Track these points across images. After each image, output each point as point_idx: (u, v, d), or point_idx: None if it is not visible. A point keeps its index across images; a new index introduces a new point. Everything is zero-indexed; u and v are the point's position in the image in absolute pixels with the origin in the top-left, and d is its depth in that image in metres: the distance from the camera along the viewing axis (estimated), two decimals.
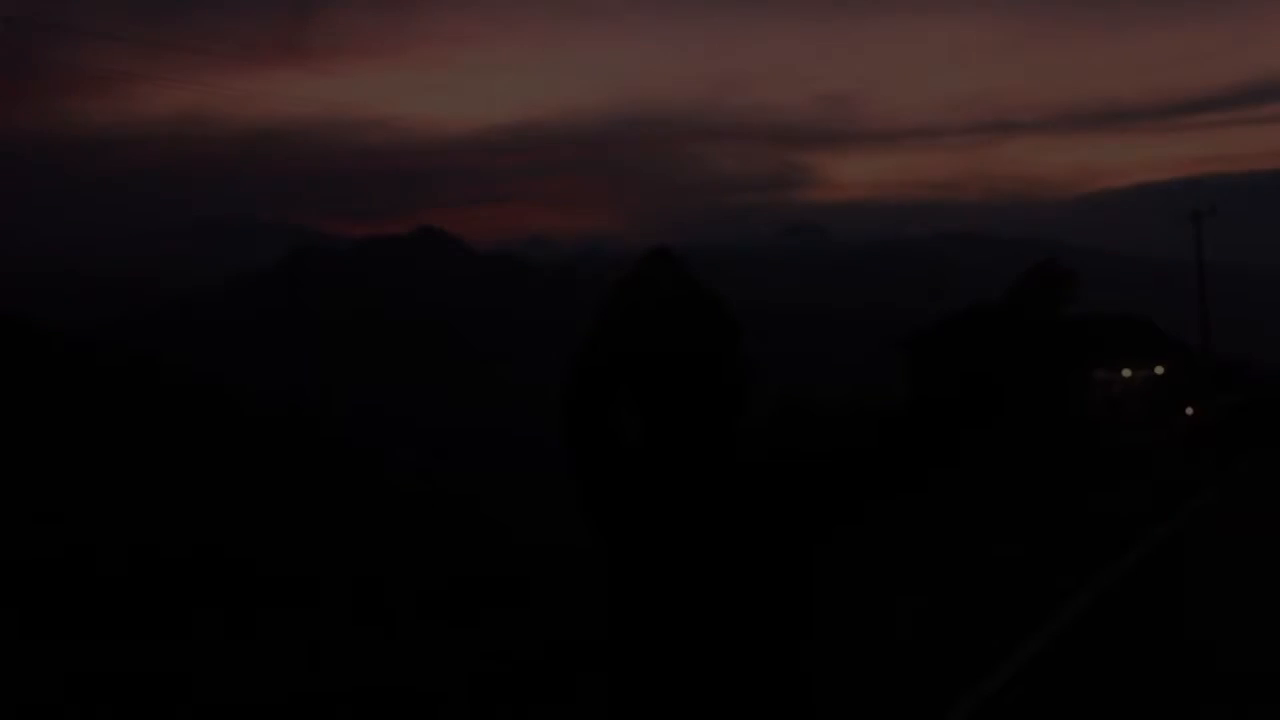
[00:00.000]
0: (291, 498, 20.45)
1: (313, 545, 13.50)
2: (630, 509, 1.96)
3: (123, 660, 6.84)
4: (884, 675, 6.68)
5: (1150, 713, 6.03)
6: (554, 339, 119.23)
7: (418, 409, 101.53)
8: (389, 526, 18.87)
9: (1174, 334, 46.40)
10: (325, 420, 40.10)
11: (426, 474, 33.04)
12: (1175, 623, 8.32)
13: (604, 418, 2.01)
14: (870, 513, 2.09)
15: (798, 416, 23.90)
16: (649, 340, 1.94)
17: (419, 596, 9.50)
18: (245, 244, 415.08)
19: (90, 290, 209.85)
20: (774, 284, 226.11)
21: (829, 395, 26.43)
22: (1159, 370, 39.01)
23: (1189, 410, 33.51)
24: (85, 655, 6.94)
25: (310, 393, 32.39)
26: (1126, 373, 39.16)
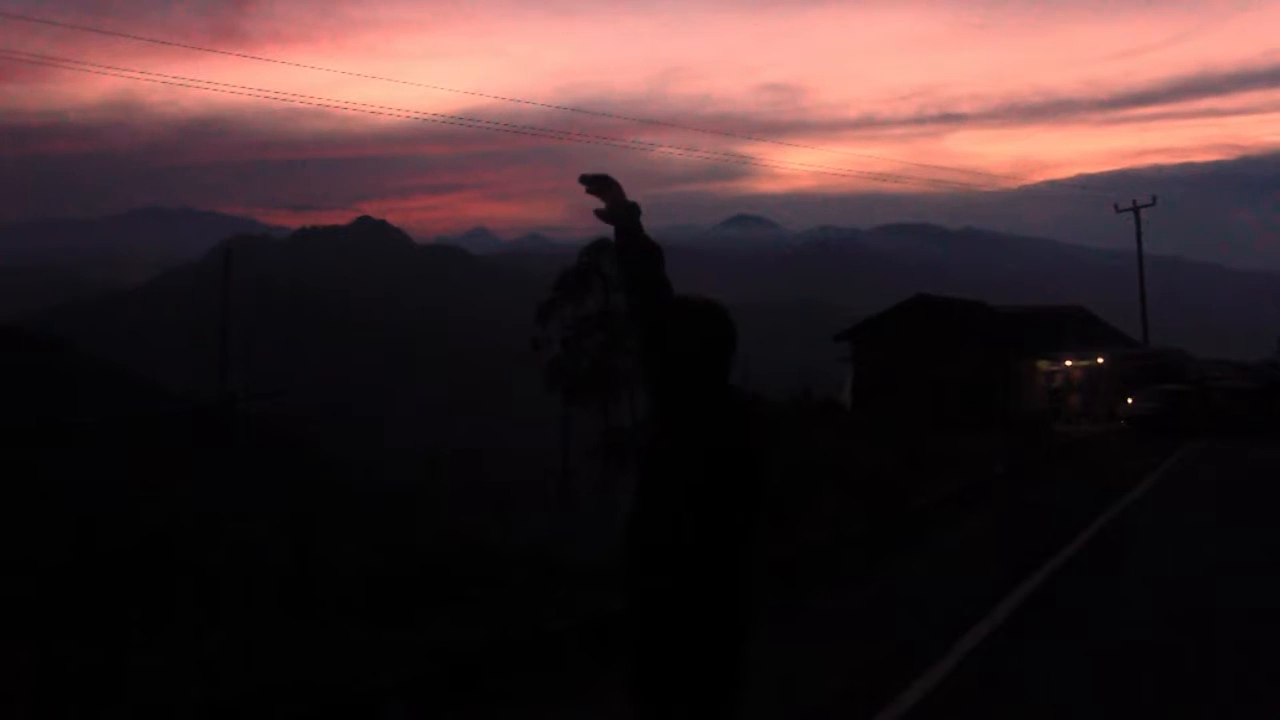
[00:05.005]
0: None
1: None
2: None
3: (49, 656, 5.78)
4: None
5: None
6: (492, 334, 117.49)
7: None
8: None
9: (1114, 325, 46.37)
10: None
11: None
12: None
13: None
14: None
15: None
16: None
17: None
18: (179, 234, 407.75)
19: (18, 280, 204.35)
20: (718, 273, 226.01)
21: (776, 388, 25.30)
22: (1100, 361, 38.76)
23: (1129, 400, 33.36)
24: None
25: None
26: (1068, 363, 38.87)
